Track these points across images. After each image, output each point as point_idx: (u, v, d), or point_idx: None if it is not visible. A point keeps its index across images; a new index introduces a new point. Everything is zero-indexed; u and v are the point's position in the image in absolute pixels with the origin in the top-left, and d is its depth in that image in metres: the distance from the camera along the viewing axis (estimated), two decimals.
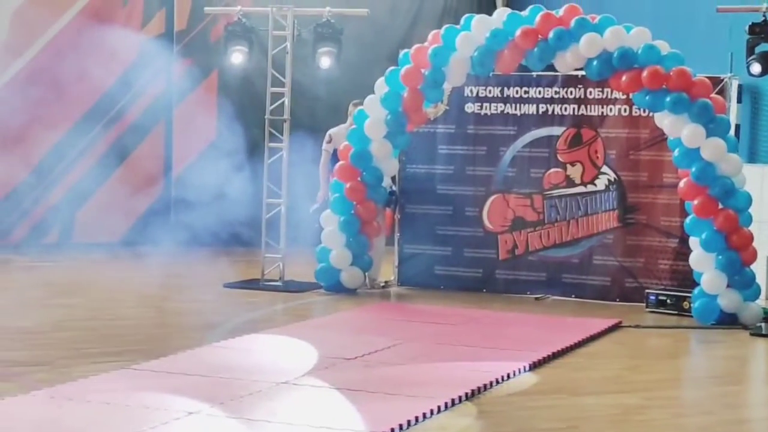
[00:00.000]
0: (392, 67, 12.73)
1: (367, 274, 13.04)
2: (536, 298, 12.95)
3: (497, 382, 8.59)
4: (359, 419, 7.33)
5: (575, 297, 12.91)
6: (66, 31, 15.98)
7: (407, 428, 7.21)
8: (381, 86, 12.72)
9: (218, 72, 17.00)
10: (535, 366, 9.25)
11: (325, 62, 13.39)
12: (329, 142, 13.23)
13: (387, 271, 13.65)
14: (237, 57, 13.53)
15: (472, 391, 8.17)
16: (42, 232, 15.83)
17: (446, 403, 7.77)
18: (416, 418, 7.36)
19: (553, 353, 9.71)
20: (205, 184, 16.02)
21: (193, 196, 16.13)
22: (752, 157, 14.24)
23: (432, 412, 7.55)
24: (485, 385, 8.40)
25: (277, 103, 13.44)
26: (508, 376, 8.80)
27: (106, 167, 16.37)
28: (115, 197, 16.16)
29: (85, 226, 16.08)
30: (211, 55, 16.84)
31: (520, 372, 8.98)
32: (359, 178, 12.77)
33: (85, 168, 16.09)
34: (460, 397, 7.97)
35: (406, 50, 12.75)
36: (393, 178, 13.28)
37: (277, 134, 13.43)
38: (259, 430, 7.03)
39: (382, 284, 13.43)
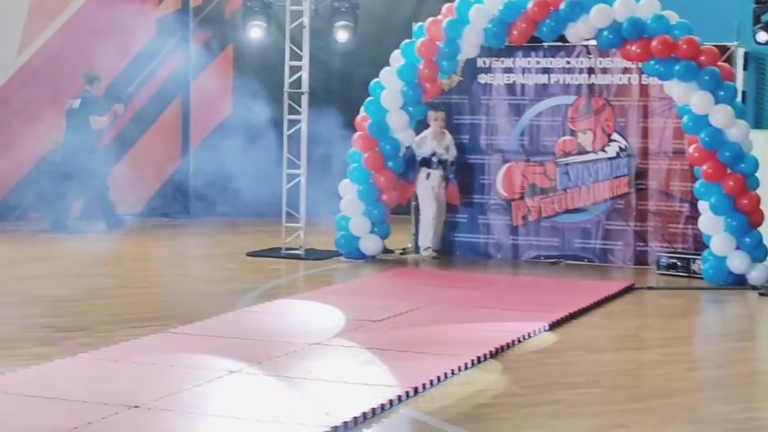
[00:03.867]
0: (407, 40, 13.06)
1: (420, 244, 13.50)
2: (550, 263, 13.31)
3: (519, 341, 8.97)
4: (391, 376, 7.72)
5: (588, 261, 13.26)
6: (84, 8, 16.29)
7: (437, 384, 7.60)
8: (397, 58, 13.07)
9: (233, 46, 17.32)
10: (553, 326, 9.63)
11: (342, 36, 13.75)
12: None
13: (404, 238, 14.00)
14: (255, 32, 13.90)
15: (496, 349, 8.56)
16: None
17: (472, 361, 8.17)
18: (445, 374, 7.75)
19: (570, 314, 10.09)
20: (223, 156, 16.42)
21: (211, 168, 16.54)
22: (758, 123, 14.52)
23: (459, 369, 7.95)
24: (508, 344, 8.80)
25: (295, 77, 13.77)
26: (529, 335, 9.19)
27: (126, 142, 16.72)
28: (136, 170, 16.51)
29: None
30: (226, 30, 17.19)
31: (540, 331, 9.37)
32: (377, 148, 13.12)
33: (107, 142, 16.43)
34: (485, 355, 8.36)
35: (420, 23, 13.07)
36: (447, 148, 13.45)
37: (295, 106, 13.77)
38: (298, 387, 7.42)
39: (433, 254, 13.52)
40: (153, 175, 16.90)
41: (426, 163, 13.31)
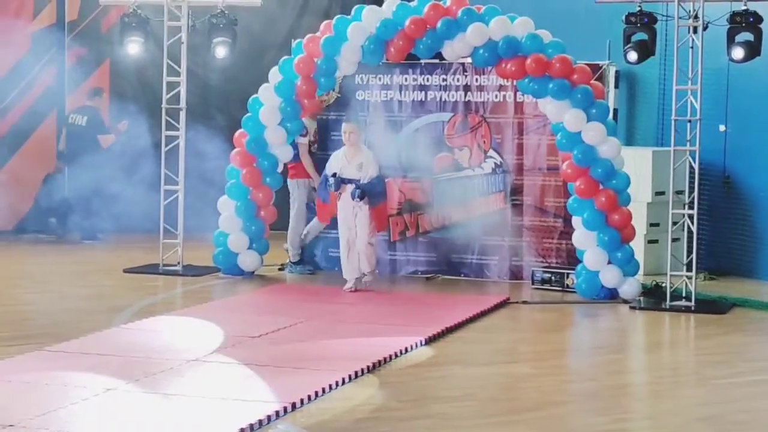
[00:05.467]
0: (285, 57, 13.10)
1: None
2: (427, 278, 13.42)
3: (396, 356, 9.08)
4: (270, 391, 7.76)
5: (464, 276, 13.40)
6: None
7: (315, 399, 7.66)
8: (275, 75, 13.09)
9: (110, 61, 17.16)
10: (430, 340, 9.75)
11: (220, 52, 13.69)
12: (305, 135, 13.42)
13: (283, 254, 14.01)
14: (133, 47, 13.78)
15: (374, 363, 8.66)
16: None
17: (350, 376, 8.25)
18: (323, 389, 7.83)
19: (447, 328, 10.23)
20: (100, 172, 16.22)
21: (88, 184, 16.32)
22: (630, 140, 14.81)
23: (337, 384, 8.03)
24: (385, 359, 8.90)
25: (172, 92, 13.72)
26: (406, 350, 9.30)
27: (0, 157, 16.45)
28: (9, 185, 16.26)
29: None
30: (103, 45, 17.02)
31: (416, 346, 9.48)
32: (255, 164, 13.13)
33: None
34: (362, 370, 8.45)
35: (299, 40, 13.12)
36: (360, 166, 12.27)
37: (173, 122, 13.71)
38: (176, 404, 7.42)
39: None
40: (27, 191, 16.64)
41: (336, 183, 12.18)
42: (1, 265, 13.97)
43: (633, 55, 12.13)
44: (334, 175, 12.22)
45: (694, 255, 11.73)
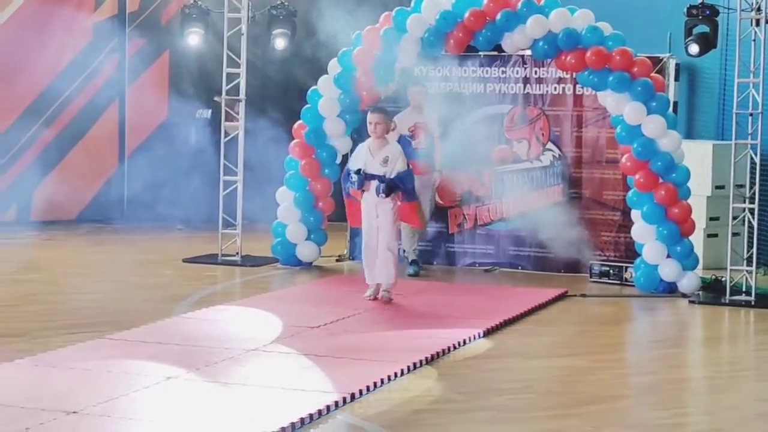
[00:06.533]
0: (345, 48, 13.13)
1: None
2: (485, 270, 13.43)
3: (454, 348, 9.10)
4: (328, 382, 7.80)
5: (522, 269, 13.39)
6: (20, 13, 16.20)
7: (374, 389, 7.70)
8: (334, 66, 13.14)
9: (170, 52, 17.30)
10: (488, 332, 9.76)
11: (280, 43, 13.78)
12: (393, 129, 12.30)
13: (341, 245, 14.05)
14: (193, 39, 13.90)
15: (432, 355, 8.68)
16: (0, 210, 16.08)
17: (408, 367, 8.28)
18: (382, 380, 7.86)
19: (505, 320, 10.23)
20: (159, 163, 16.40)
21: (147, 174, 16.50)
22: (690, 133, 14.73)
23: (396, 375, 8.05)
24: (443, 350, 8.92)
25: (232, 84, 13.80)
26: (464, 342, 9.31)
27: (62, 146, 16.64)
28: (71, 176, 16.45)
29: (42, 205, 16.33)
30: (163, 36, 17.16)
31: (474, 338, 9.49)
32: (313, 156, 13.18)
33: (42, 147, 16.36)
34: (421, 361, 8.48)
35: (358, 32, 13.15)
36: (385, 160, 10.94)
37: (233, 113, 13.80)
38: (236, 393, 7.48)
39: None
40: (89, 181, 16.82)
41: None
42: (63, 254, 14.13)
43: (694, 48, 12.07)
44: (358, 171, 10.93)
45: (754, 249, 11.66)
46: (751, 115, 11.75)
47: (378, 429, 6.90)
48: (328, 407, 7.13)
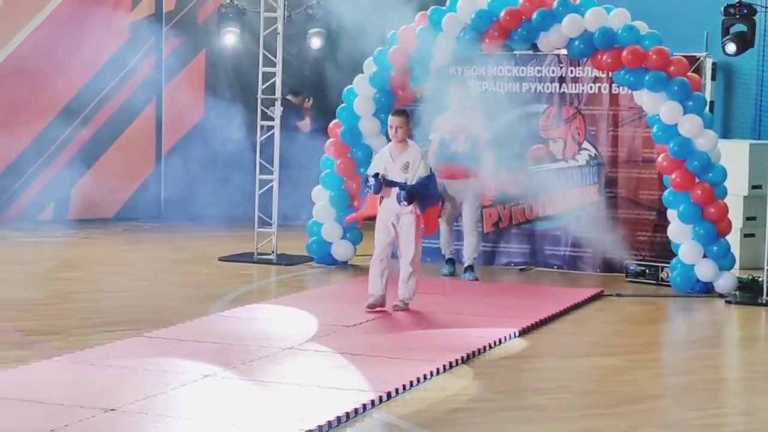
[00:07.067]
0: (380, 48, 13.15)
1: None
2: (520, 270, 13.41)
3: (490, 347, 9.10)
4: (365, 381, 7.82)
5: (558, 268, 13.37)
6: (57, 12, 16.30)
7: (410, 388, 7.71)
8: (369, 66, 13.16)
9: (206, 52, 17.37)
10: (524, 332, 9.75)
11: (316, 43, 13.80)
12: (435, 131, 12.54)
13: None
14: (229, 38, 13.96)
15: (468, 354, 8.68)
16: (38, 209, 16.19)
17: (444, 366, 8.28)
18: (418, 379, 7.87)
19: (541, 320, 10.22)
20: (195, 162, 16.48)
21: (183, 173, 16.58)
22: (726, 133, 14.68)
23: (432, 374, 8.07)
24: (479, 350, 8.92)
25: (268, 83, 13.84)
26: (500, 341, 9.31)
27: (99, 145, 16.73)
28: (108, 175, 16.54)
29: (79, 203, 16.43)
30: (199, 36, 17.23)
31: (510, 337, 9.48)
32: (349, 155, 13.21)
33: (79, 146, 16.46)
34: (457, 360, 8.48)
35: (393, 31, 13.16)
36: (406, 166, 10.40)
37: (268, 112, 13.84)
38: (272, 391, 7.51)
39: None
40: (125, 180, 16.92)
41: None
42: (101, 252, 14.21)
43: (731, 47, 12.02)
44: (376, 175, 10.37)
45: None
46: None
47: (414, 428, 6.92)
48: (364, 406, 7.15)
